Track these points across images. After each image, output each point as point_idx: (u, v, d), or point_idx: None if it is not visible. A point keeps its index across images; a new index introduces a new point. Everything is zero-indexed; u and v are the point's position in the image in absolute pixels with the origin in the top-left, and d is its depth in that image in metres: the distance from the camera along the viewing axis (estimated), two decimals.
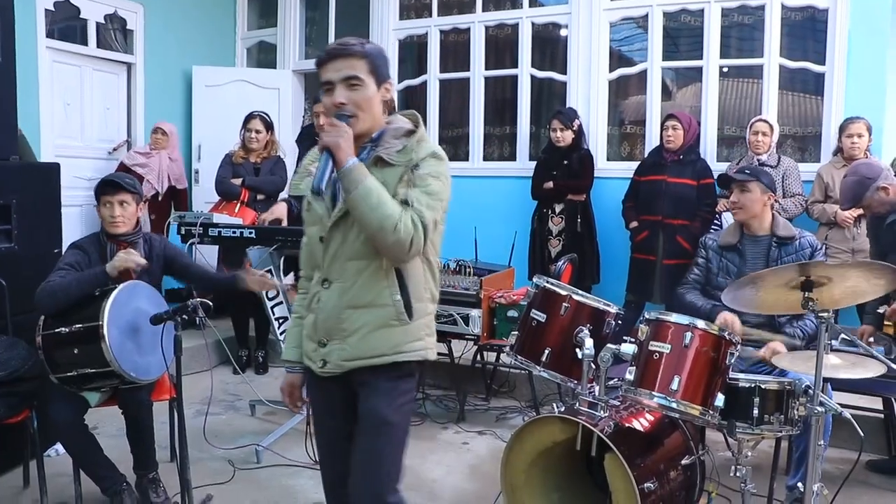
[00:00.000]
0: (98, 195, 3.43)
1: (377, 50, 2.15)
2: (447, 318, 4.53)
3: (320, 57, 2.13)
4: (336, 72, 2.08)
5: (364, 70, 2.08)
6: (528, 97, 6.78)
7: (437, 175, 2.09)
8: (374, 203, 1.97)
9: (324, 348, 2.15)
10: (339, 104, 2.08)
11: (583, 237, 5.87)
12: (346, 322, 2.11)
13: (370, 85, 2.10)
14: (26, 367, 3.31)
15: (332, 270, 2.14)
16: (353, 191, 1.99)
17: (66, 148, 6.34)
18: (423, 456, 4.18)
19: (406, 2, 7.37)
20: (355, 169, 2.00)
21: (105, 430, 4.04)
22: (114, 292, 3.12)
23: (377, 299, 2.10)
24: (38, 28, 6.00)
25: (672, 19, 6.34)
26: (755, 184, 3.54)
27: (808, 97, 6.12)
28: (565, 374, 3.18)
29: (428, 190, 2.06)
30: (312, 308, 2.20)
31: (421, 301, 2.15)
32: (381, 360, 2.10)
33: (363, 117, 2.10)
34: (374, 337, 2.10)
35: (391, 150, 2.11)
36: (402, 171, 2.09)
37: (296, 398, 2.39)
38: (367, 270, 2.10)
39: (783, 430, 2.82)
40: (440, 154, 2.14)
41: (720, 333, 2.81)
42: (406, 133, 2.16)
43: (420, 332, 2.16)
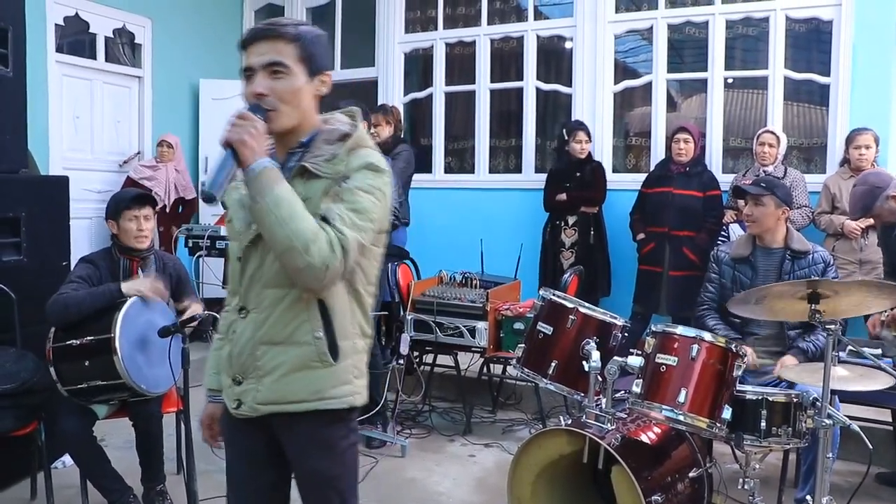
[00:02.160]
0: (121, 209, 3.41)
1: (313, 34, 1.82)
2: (453, 331, 4.54)
3: (244, 37, 1.80)
4: (258, 56, 1.76)
5: (292, 56, 1.76)
6: (533, 110, 6.80)
7: (370, 189, 1.75)
8: (284, 216, 1.64)
9: (238, 386, 1.84)
10: (257, 94, 1.74)
11: (595, 249, 5.87)
12: (261, 360, 1.80)
13: (298, 74, 1.77)
14: (35, 379, 3.32)
15: (248, 297, 1.83)
16: (259, 200, 1.66)
17: (76, 161, 6.38)
18: (429, 469, 4.18)
19: (412, 15, 7.41)
20: (264, 173, 1.66)
21: (113, 442, 4.05)
22: (125, 306, 3.14)
23: (296, 336, 1.78)
24: (49, 43, 6.05)
25: (676, 31, 6.35)
26: (769, 197, 3.52)
27: (813, 108, 6.12)
28: (572, 386, 3.19)
29: (356, 206, 1.72)
30: (228, 338, 1.88)
31: (347, 339, 1.82)
32: (300, 406, 1.79)
33: (286, 112, 1.77)
34: (292, 380, 1.78)
35: (319, 158, 1.78)
36: (329, 184, 1.76)
37: (216, 432, 2.08)
38: (285, 301, 1.77)
39: (791, 443, 2.83)
40: (378, 165, 1.79)
41: (727, 346, 2.81)
42: (340, 137, 1.82)
43: (347, 374, 1.82)
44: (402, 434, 4.60)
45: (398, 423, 4.74)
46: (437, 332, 4.57)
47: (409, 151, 5.73)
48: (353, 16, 7.66)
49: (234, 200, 1.88)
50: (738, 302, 2.97)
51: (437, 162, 7.26)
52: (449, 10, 7.23)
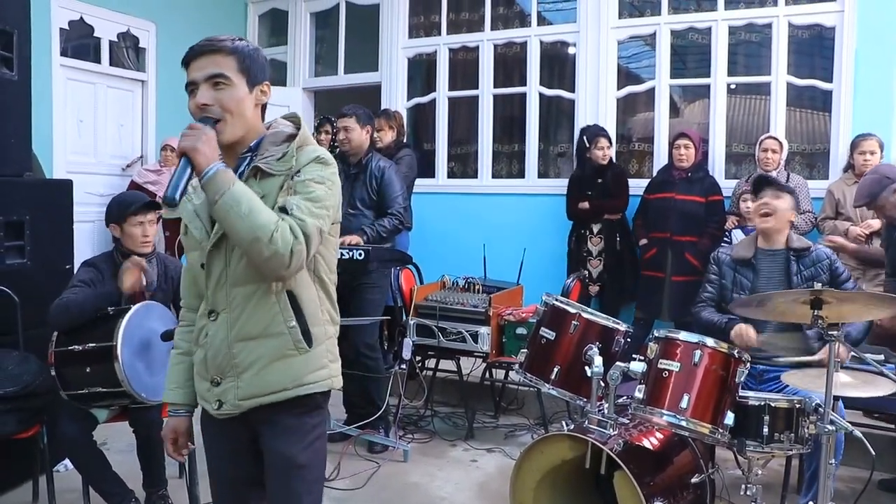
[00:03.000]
0: (127, 214, 3.40)
1: (249, 48, 1.92)
2: (456, 336, 4.54)
3: (186, 55, 1.90)
4: (200, 70, 1.85)
5: (232, 68, 1.86)
6: (536, 115, 6.81)
7: (322, 180, 1.86)
8: (243, 211, 1.73)
9: (217, 387, 1.90)
10: (201, 105, 1.84)
11: (623, 256, 5.86)
12: (238, 356, 1.87)
13: (239, 85, 1.87)
14: (37, 382, 3.33)
15: (217, 300, 1.90)
16: (218, 199, 1.74)
17: (79, 164, 6.40)
18: (431, 474, 4.18)
19: (415, 20, 7.42)
20: (218, 175, 1.75)
21: (115, 445, 4.05)
22: (128, 313, 3.14)
23: (270, 328, 1.87)
24: (53, 46, 6.07)
25: (679, 37, 6.36)
26: (789, 197, 3.53)
27: (816, 114, 6.13)
28: (574, 391, 3.18)
29: (310, 196, 1.83)
30: (201, 343, 1.94)
31: (318, 325, 1.92)
32: (282, 395, 1.87)
33: (232, 121, 1.86)
34: (271, 370, 1.87)
35: (270, 158, 1.89)
36: (283, 180, 1.87)
37: (180, 445, 2.09)
38: (255, 296, 1.86)
39: (794, 449, 2.82)
40: (325, 158, 1.91)
41: (730, 351, 2.81)
42: (286, 138, 1.94)
43: (322, 359, 1.93)
44: (405, 439, 4.60)
45: (400, 427, 4.74)
46: (440, 337, 4.57)
47: (412, 156, 5.74)
48: (356, 21, 7.67)
49: (188, 212, 1.96)
50: (738, 305, 2.98)
51: (439, 167, 7.26)
52: (452, 15, 7.24)
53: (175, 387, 2.06)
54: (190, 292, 2.06)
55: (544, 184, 6.77)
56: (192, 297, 2.04)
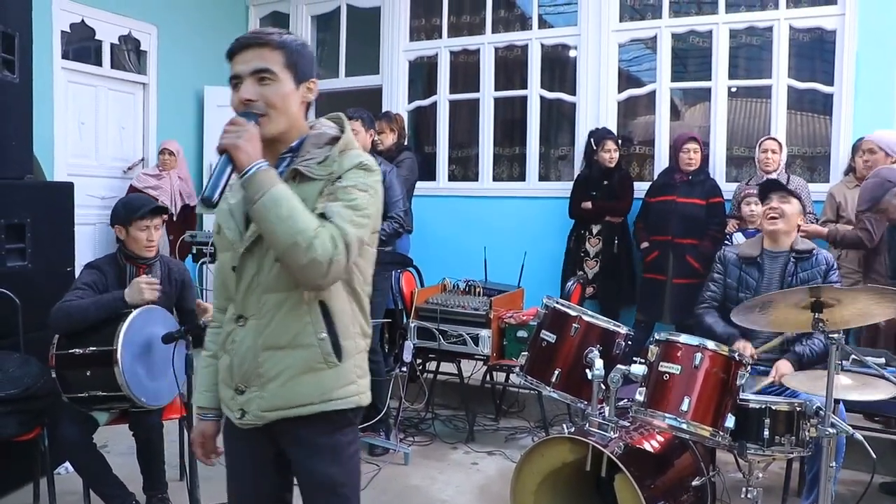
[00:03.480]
0: (133, 218, 3.39)
1: (298, 43, 1.84)
2: (457, 338, 4.54)
3: (230, 47, 1.82)
4: (245, 63, 1.78)
5: (278, 63, 1.78)
6: (537, 118, 6.81)
7: (365, 187, 1.77)
8: (283, 213, 1.64)
9: (241, 396, 1.82)
10: (245, 101, 1.76)
11: (620, 259, 5.87)
12: (264, 366, 1.79)
13: (285, 81, 1.79)
14: (38, 384, 3.32)
15: (247, 305, 1.82)
16: (258, 199, 1.66)
17: (81, 167, 6.41)
18: (432, 476, 4.17)
19: (416, 23, 7.43)
20: (260, 174, 1.68)
21: (115, 448, 4.04)
22: (129, 317, 3.14)
23: (299, 338, 1.78)
24: (55, 49, 6.08)
25: (680, 40, 6.37)
26: (797, 201, 3.54)
27: (817, 117, 6.13)
28: (575, 394, 3.18)
29: (352, 204, 1.73)
30: (227, 348, 1.87)
31: (349, 338, 1.83)
32: (307, 409, 1.79)
33: (276, 117, 1.78)
34: (297, 383, 1.78)
35: (311, 161, 1.79)
36: (322, 185, 1.77)
37: (209, 450, 2.06)
38: (287, 304, 1.78)
39: (794, 452, 2.82)
40: (369, 164, 1.81)
41: (730, 354, 2.81)
42: (329, 140, 1.85)
43: (351, 374, 1.84)
44: (405, 442, 4.60)
45: (401, 430, 4.73)
46: (441, 340, 4.57)
47: (413, 159, 5.75)
48: (357, 24, 7.68)
49: (222, 211, 1.89)
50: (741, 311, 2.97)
51: (440, 170, 7.27)
52: (453, 18, 7.25)
53: (204, 390, 2.02)
54: (221, 294, 1.98)
55: (545, 187, 6.77)
56: (224, 299, 1.96)
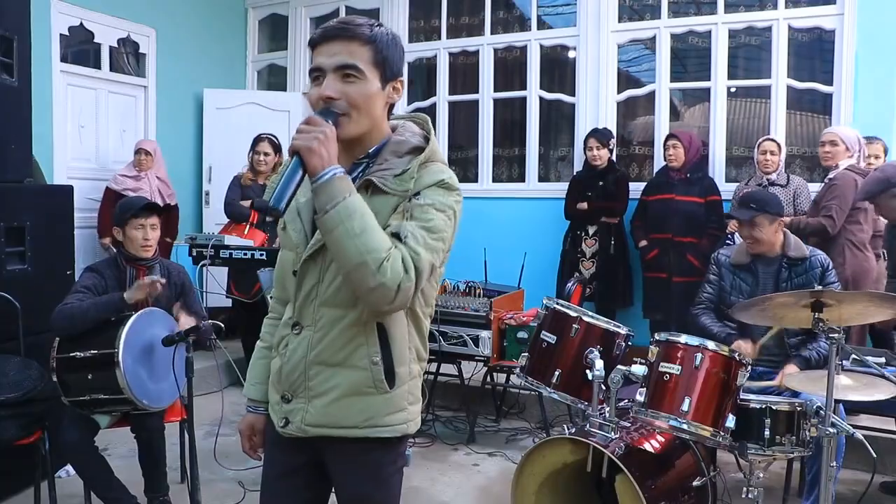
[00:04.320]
0: (128, 217, 3.41)
1: (390, 37, 1.67)
2: (457, 340, 4.55)
3: (314, 36, 1.65)
4: (330, 56, 1.61)
5: (366, 59, 1.62)
6: (536, 119, 6.81)
7: (443, 207, 1.63)
8: (355, 229, 1.51)
9: (287, 404, 1.75)
10: (326, 97, 1.60)
11: (616, 260, 5.87)
12: (313, 380, 1.71)
13: (372, 80, 1.63)
14: (39, 388, 3.32)
15: (303, 314, 1.72)
16: (329, 209, 1.51)
17: (80, 170, 6.40)
18: (433, 478, 4.18)
19: (415, 25, 7.44)
20: (334, 181, 1.52)
21: (116, 451, 4.05)
22: (130, 320, 3.15)
23: (352, 359, 1.68)
24: (54, 52, 6.08)
25: (679, 41, 6.38)
26: (762, 216, 3.46)
27: (816, 117, 6.13)
28: (576, 395, 3.19)
29: (429, 225, 1.60)
30: (280, 352, 1.79)
31: (404, 364, 1.72)
32: (350, 432, 1.70)
33: (357, 118, 1.63)
34: (344, 404, 1.69)
35: (387, 172, 1.64)
36: (397, 201, 1.63)
37: (256, 444, 1.96)
38: (343, 322, 1.67)
39: (795, 452, 2.83)
40: (451, 183, 1.66)
41: (730, 355, 2.81)
42: (411, 150, 1.69)
43: (402, 401, 1.73)
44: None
45: None
46: (441, 341, 4.57)
47: None
48: None
49: (289, 208, 1.71)
50: (740, 309, 2.98)
51: None
52: (452, 19, 7.25)
53: (257, 382, 1.92)
54: (279, 284, 1.88)
55: (545, 188, 6.78)
56: (282, 290, 1.87)
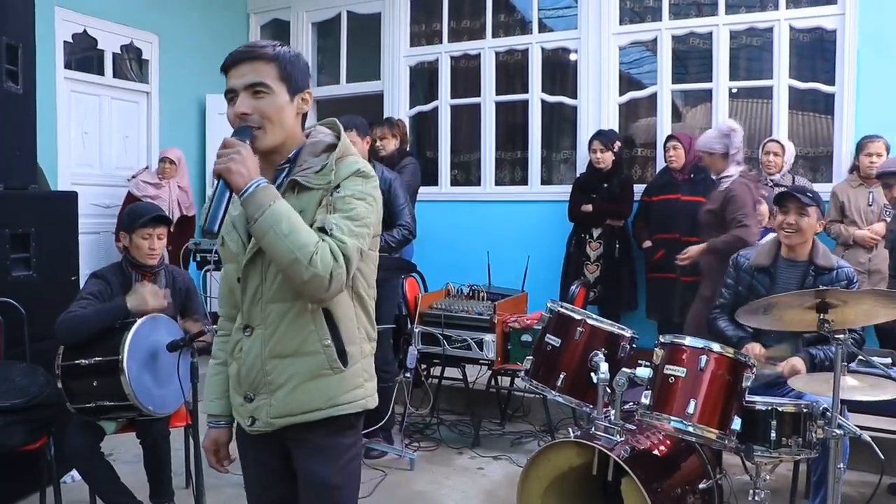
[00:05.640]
0: (136, 226, 3.41)
1: (291, 55, 1.85)
2: (461, 343, 4.54)
3: (225, 62, 1.83)
4: (239, 77, 1.79)
5: (272, 76, 1.79)
6: (539, 122, 6.81)
7: (362, 195, 1.80)
8: (283, 230, 1.67)
9: (251, 403, 1.87)
10: (241, 114, 1.78)
11: (621, 263, 5.87)
12: (272, 374, 1.83)
13: (280, 93, 1.80)
14: (45, 393, 3.33)
15: (252, 315, 1.86)
16: (258, 217, 1.68)
17: (84, 176, 6.42)
18: (438, 482, 4.17)
19: (417, 29, 7.44)
20: (258, 192, 1.69)
21: (121, 456, 4.05)
22: (134, 326, 3.15)
23: (304, 346, 1.82)
24: (57, 59, 6.10)
25: (681, 42, 6.37)
26: (815, 209, 3.39)
27: (819, 116, 6.13)
28: (580, 398, 3.18)
29: (351, 214, 1.76)
30: (235, 357, 1.91)
31: (355, 343, 1.87)
32: (315, 415, 1.83)
33: (272, 130, 1.80)
34: (304, 389, 1.82)
35: (308, 170, 1.81)
36: (321, 194, 1.80)
37: (222, 457, 2.06)
38: (290, 314, 1.81)
39: (801, 454, 2.82)
40: (366, 171, 1.83)
41: (735, 356, 2.81)
42: (326, 148, 1.86)
43: (357, 378, 1.88)
44: (411, 447, 4.60)
45: (406, 435, 4.73)
46: (445, 345, 4.57)
47: (415, 164, 5.75)
48: (358, 30, 7.70)
49: (225, 223, 1.87)
50: (746, 312, 2.97)
51: (443, 174, 7.27)
52: (454, 23, 7.26)
53: (215, 398, 2.04)
54: (227, 302, 2.01)
55: (547, 190, 6.77)
56: (229, 307, 2.00)
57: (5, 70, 3.83)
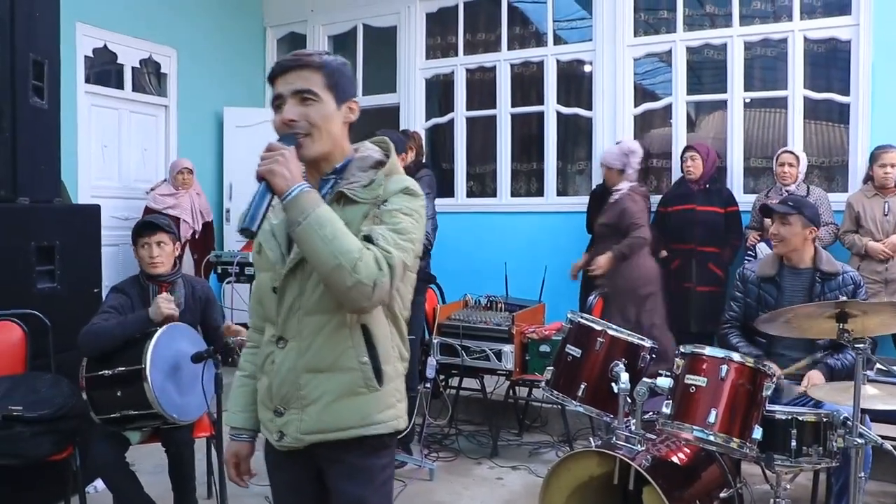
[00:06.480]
0: (135, 238, 3.47)
1: (338, 63, 1.85)
2: (480, 354, 4.56)
3: (272, 70, 1.84)
4: (287, 85, 1.79)
5: (320, 84, 1.79)
6: (554, 133, 6.85)
7: (409, 212, 1.78)
8: (327, 235, 1.64)
9: (280, 418, 1.83)
10: (288, 121, 1.77)
11: None
12: (304, 388, 1.80)
13: (327, 101, 1.80)
14: (70, 404, 3.37)
15: (287, 327, 1.82)
16: (302, 221, 1.65)
17: (104, 189, 6.51)
18: (457, 492, 4.19)
19: (432, 41, 7.50)
20: (302, 196, 1.67)
21: (142, 467, 4.07)
22: (156, 335, 3.19)
23: (340, 362, 1.79)
24: (78, 74, 6.20)
25: (695, 54, 6.40)
26: (796, 217, 3.47)
27: (834, 126, 6.13)
28: (601, 408, 3.20)
29: (397, 228, 1.74)
30: (266, 370, 1.87)
31: (390, 362, 1.84)
32: (346, 433, 1.79)
33: (318, 137, 1.79)
34: (337, 407, 1.79)
35: (355, 184, 1.80)
36: (367, 209, 1.78)
37: (242, 471, 2.02)
38: (329, 327, 1.78)
39: (822, 463, 2.82)
40: (414, 189, 1.83)
41: (756, 366, 2.82)
42: (374, 164, 1.85)
43: (391, 398, 1.84)
44: (430, 457, 4.62)
45: (425, 446, 4.75)
46: (464, 356, 4.59)
47: (431, 176, 5.77)
48: (374, 43, 7.77)
49: (264, 231, 1.86)
50: (765, 321, 2.99)
51: (459, 186, 7.31)
52: (469, 36, 7.31)
53: (239, 410, 2.01)
54: (256, 313, 1.98)
55: (563, 202, 6.80)
56: (259, 319, 1.97)
57: (32, 86, 3.90)
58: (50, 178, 4.09)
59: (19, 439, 3.18)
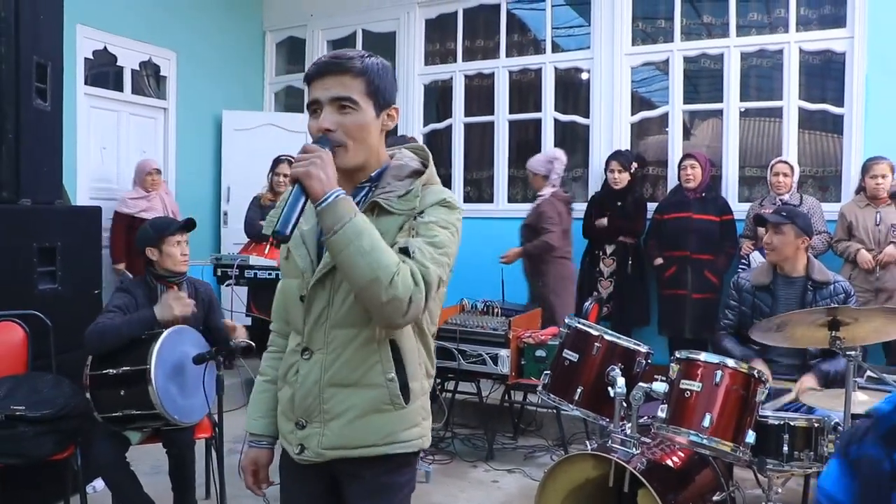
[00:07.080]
0: (165, 235, 3.45)
1: (380, 66, 1.73)
2: (476, 358, 4.59)
3: (309, 71, 1.71)
4: (325, 90, 1.67)
5: (360, 91, 1.68)
6: (551, 140, 6.90)
7: (447, 224, 1.71)
8: (365, 247, 1.54)
9: (301, 431, 1.76)
10: (324, 130, 1.66)
11: (634, 280, 5.94)
12: (328, 402, 1.72)
13: (367, 109, 1.69)
14: (72, 404, 3.39)
15: (313, 338, 1.74)
16: (338, 229, 1.55)
17: (102, 190, 6.53)
18: (453, 495, 4.23)
19: (431, 47, 7.56)
20: (340, 203, 1.56)
21: (140, 468, 4.08)
22: (161, 337, 3.21)
23: (367, 378, 1.71)
24: (78, 76, 6.22)
25: (692, 63, 6.46)
26: (789, 226, 3.54)
27: (828, 136, 6.20)
28: (597, 412, 3.23)
29: (434, 241, 1.66)
30: (289, 380, 1.79)
31: (416, 380, 1.77)
32: (370, 451, 1.73)
33: (354, 148, 1.69)
34: (362, 423, 1.72)
35: (391, 194, 1.70)
36: (403, 220, 1.69)
37: (260, 479, 1.95)
38: (356, 341, 1.71)
39: (813, 467, 2.88)
40: (452, 201, 1.75)
41: (749, 372, 2.87)
42: (411, 173, 1.76)
43: (416, 416, 1.77)
44: (426, 460, 4.64)
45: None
46: (460, 360, 4.62)
47: None
48: (373, 48, 7.66)
49: (293, 236, 1.71)
50: (759, 330, 3.04)
51: (456, 191, 7.34)
52: (468, 42, 7.38)
53: (259, 416, 1.93)
54: (280, 317, 1.92)
55: None
56: (283, 323, 1.90)
57: (35, 88, 3.93)
58: (52, 179, 4.11)
59: (22, 439, 3.20)
